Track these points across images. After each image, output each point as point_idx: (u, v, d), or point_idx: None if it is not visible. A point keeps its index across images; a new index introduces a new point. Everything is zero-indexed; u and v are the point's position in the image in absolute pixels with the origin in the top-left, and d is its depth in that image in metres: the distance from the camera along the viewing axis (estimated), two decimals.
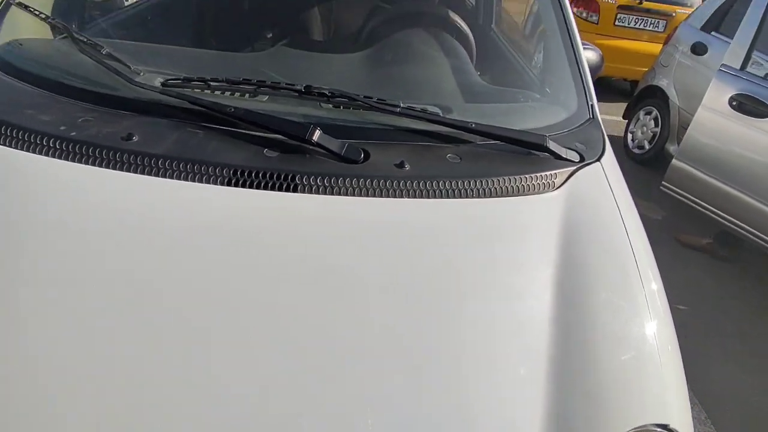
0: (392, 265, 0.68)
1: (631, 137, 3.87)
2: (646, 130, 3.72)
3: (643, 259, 0.76)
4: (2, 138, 0.69)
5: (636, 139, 3.82)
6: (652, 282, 0.74)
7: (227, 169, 0.69)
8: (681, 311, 2.19)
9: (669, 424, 0.62)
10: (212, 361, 0.57)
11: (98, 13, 1.35)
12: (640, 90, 3.80)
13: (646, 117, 3.72)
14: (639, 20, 4.71)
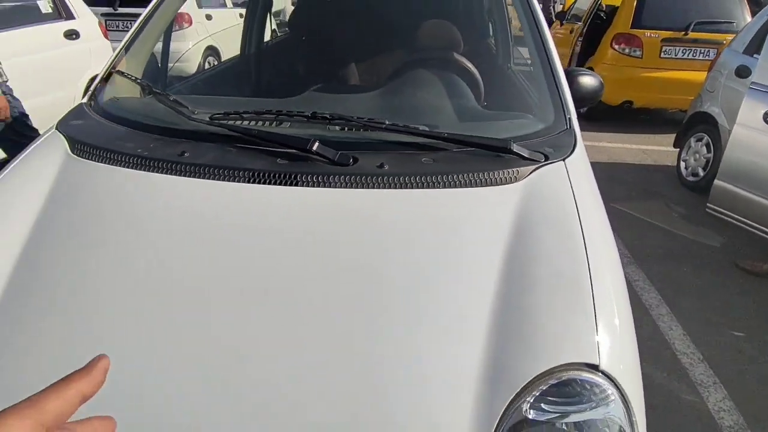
0: (367, 239, 0.86)
1: (684, 165, 3.75)
2: (698, 156, 3.60)
3: (593, 240, 0.86)
4: (104, 159, 0.99)
5: (689, 166, 3.70)
6: (600, 259, 0.83)
7: (249, 172, 0.93)
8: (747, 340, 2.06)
9: (599, 365, 0.70)
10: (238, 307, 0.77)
11: (172, 78, 1.75)
12: (689, 117, 3.73)
13: (698, 144, 3.62)
14: (687, 51, 4.66)
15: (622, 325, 0.77)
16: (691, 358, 1.98)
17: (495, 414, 0.67)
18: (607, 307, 0.76)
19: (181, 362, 0.73)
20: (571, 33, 6.06)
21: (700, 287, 2.46)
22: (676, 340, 2.09)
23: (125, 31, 4.90)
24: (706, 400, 1.77)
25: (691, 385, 1.84)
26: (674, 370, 1.92)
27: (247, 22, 2.41)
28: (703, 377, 1.88)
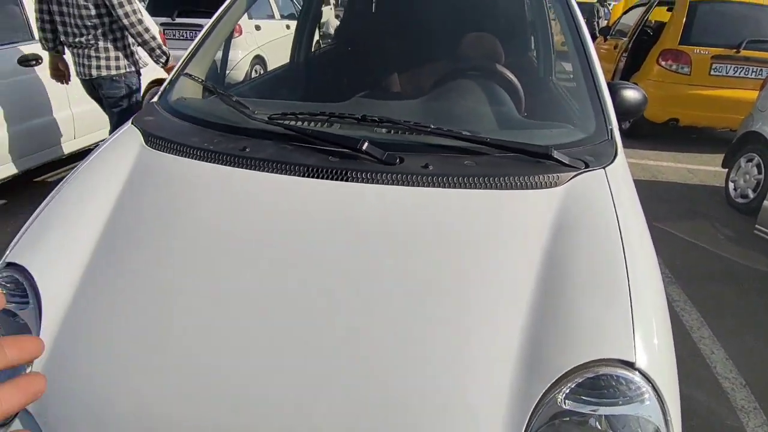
0: (412, 232, 0.91)
1: (732, 186, 3.61)
2: (749, 177, 3.46)
3: (632, 245, 0.88)
4: (173, 150, 1.10)
5: (738, 188, 3.55)
6: (638, 262, 0.85)
7: (303, 167, 1.01)
8: None
9: (635, 363, 0.72)
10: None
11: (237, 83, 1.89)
12: (739, 137, 3.59)
13: (748, 164, 3.48)
14: (739, 69, 4.50)
15: (659, 327, 0.79)
16: (732, 383, 1.91)
17: (530, 402, 0.71)
18: (644, 308, 0.78)
19: (241, 324, 0.81)
20: (615, 48, 5.96)
21: (744, 310, 2.37)
22: (717, 363, 2.02)
23: (181, 39, 5.23)
24: (745, 425, 1.71)
25: (732, 410, 1.78)
26: (715, 393, 1.86)
27: (297, 33, 2.55)
28: (744, 402, 1.81)
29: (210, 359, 0.78)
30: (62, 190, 1.08)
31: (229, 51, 1.93)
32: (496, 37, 1.77)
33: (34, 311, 0.86)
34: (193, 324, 0.81)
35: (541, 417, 0.70)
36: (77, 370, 0.80)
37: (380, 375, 0.74)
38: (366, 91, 1.63)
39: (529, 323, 0.77)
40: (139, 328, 0.82)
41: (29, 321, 0.86)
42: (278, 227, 0.94)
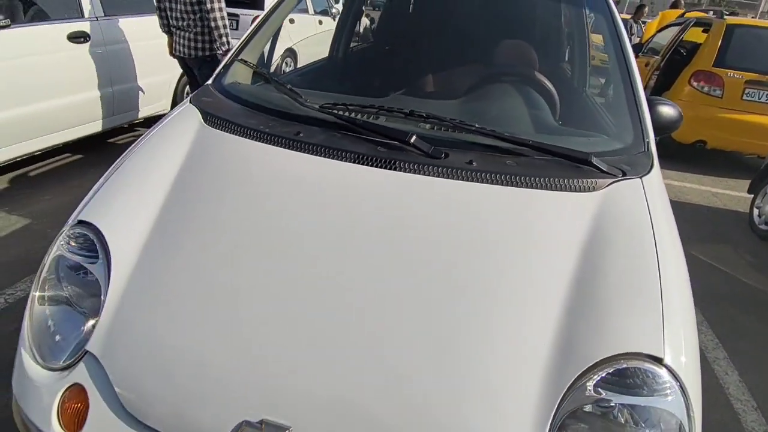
0: (455, 222, 0.97)
1: (757, 213, 3.58)
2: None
3: (664, 249, 0.92)
4: (231, 130, 1.18)
5: (763, 214, 3.52)
6: (669, 265, 0.90)
7: (354, 154, 1.07)
8: None
9: (663, 359, 0.77)
10: None
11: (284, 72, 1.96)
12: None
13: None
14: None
15: (687, 328, 0.83)
16: (744, 405, 1.92)
17: (560, 389, 0.75)
18: (674, 308, 0.83)
19: (298, 293, 0.87)
20: (646, 66, 5.92)
21: (762, 336, 2.36)
22: (730, 385, 2.03)
23: None
24: None
25: (741, 431, 1.79)
26: (726, 414, 1.87)
27: (337, 29, 2.62)
28: (755, 425, 1.82)
29: (260, 316, 0.85)
30: (129, 157, 1.16)
31: (276, 42, 2.01)
32: (531, 46, 1.81)
33: (103, 266, 0.93)
34: (246, 285, 0.88)
35: (569, 403, 0.75)
36: (142, 320, 0.88)
37: (418, 355, 0.80)
38: (404, 89, 1.68)
39: (563, 316, 0.82)
40: (198, 286, 0.89)
41: (99, 275, 0.93)
42: (327, 206, 1.01)
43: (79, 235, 0.99)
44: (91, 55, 3.14)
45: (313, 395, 0.77)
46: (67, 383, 0.85)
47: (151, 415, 0.79)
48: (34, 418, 0.86)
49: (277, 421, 0.74)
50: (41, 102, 2.87)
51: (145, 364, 0.83)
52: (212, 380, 0.80)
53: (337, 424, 0.75)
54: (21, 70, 2.72)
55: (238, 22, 5.62)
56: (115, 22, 3.32)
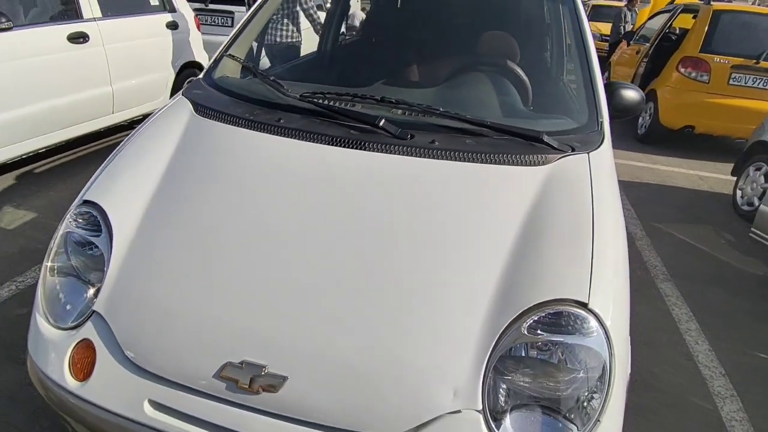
0: (415, 192, 1.09)
1: (740, 194, 3.69)
2: (755, 186, 3.54)
3: (602, 213, 1.04)
4: (218, 118, 1.30)
5: (745, 195, 3.63)
6: (604, 227, 1.01)
7: (329, 137, 1.19)
8: None
9: (588, 303, 0.89)
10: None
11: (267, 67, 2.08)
12: (750, 146, 3.66)
13: (756, 173, 3.55)
14: (758, 79, 4.53)
15: (616, 280, 0.95)
16: (712, 371, 2.04)
17: (498, 328, 0.88)
18: (604, 262, 0.95)
19: (276, 255, 1.00)
20: (637, 54, 5.99)
21: (734, 310, 2.48)
22: (700, 353, 2.15)
23: (214, 25, 5.49)
24: (720, 409, 1.84)
25: (708, 395, 1.91)
26: (694, 380, 1.99)
27: (325, 24, 2.73)
28: (722, 389, 1.94)
29: (242, 276, 0.97)
30: (128, 144, 1.28)
31: (265, 37, 2.12)
32: (513, 36, 1.92)
33: (106, 239, 1.06)
34: (234, 250, 1.01)
35: (505, 342, 0.87)
36: (140, 281, 1.00)
37: (376, 302, 0.92)
38: (386, 78, 1.80)
39: (504, 269, 0.94)
40: (189, 251, 1.02)
41: (102, 247, 1.06)
42: (302, 181, 1.13)
43: (85, 212, 1.12)
44: (90, 54, 3.26)
45: (284, 339, 0.90)
46: (76, 339, 0.98)
47: (150, 362, 0.92)
48: (48, 371, 0.99)
49: (255, 361, 0.87)
50: (44, 101, 2.99)
51: (144, 319, 0.96)
52: (201, 330, 0.92)
53: (305, 361, 0.88)
54: (23, 71, 2.84)
55: (233, 19, 5.72)
56: (112, 23, 3.43)
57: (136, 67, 3.67)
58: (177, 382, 0.90)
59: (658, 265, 2.85)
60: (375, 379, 0.86)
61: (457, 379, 0.85)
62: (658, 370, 2.00)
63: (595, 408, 0.85)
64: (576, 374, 0.88)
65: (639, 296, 2.57)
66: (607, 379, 0.87)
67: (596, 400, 0.86)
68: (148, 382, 0.91)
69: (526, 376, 0.88)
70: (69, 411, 0.95)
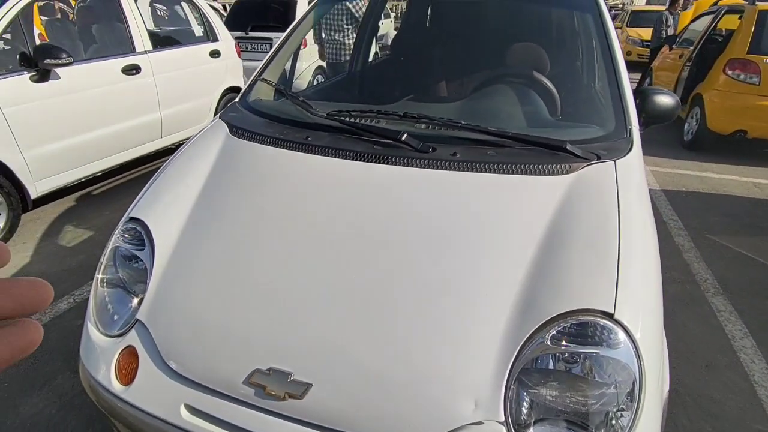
0: (439, 204, 1.11)
1: None
2: None
3: (630, 223, 1.01)
4: (252, 138, 1.38)
5: None
6: (632, 236, 0.98)
7: (353, 152, 1.24)
8: None
9: (614, 314, 0.86)
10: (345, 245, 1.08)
11: (301, 89, 2.18)
12: None
13: None
14: None
15: (646, 289, 0.91)
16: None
17: (520, 338, 0.87)
18: (631, 271, 0.92)
19: (303, 266, 1.04)
20: (680, 58, 5.76)
21: None
22: (756, 372, 1.99)
23: (254, 52, 5.80)
24: None
25: (765, 417, 1.77)
26: (750, 400, 1.85)
27: (355, 46, 2.83)
28: None
29: (272, 287, 1.02)
30: (169, 166, 1.38)
31: (297, 61, 2.23)
32: (542, 46, 1.92)
33: (149, 252, 1.14)
34: (263, 262, 1.06)
35: (527, 352, 0.86)
36: (179, 293, 1.07)
37: (402, 312, 0.94)
38: (414, 94, 1.84)
39: (528, 278, 0.93)
40: (224, 264, 1.08)
41: (145, 260, 1.14)
42: (329, 194, 1.18)
43: (130, 228, 1.21)
44: (141, 84, 3.53)
45: (309, 347, 0.93)
46: (122, 346, 1.06)
47: (186, 368, 0.98)
48: (98, 376, 1.07)
49: (282, 368, 0.91)
50: (100, 129, 3.26)
51: (182, 328, 1.02)
52: (232, 339, 0.97)
53: (329, 369, 0.90)
54: (82, 101, 3.11)
55: (271, 45, 6.01)
56: (161, 54, 3.71)
57: (183, 95, 3.93)
58: (210, 387, 0.95)
59: (708, 278, 2.69)
60: (397, 388, 0.87)
61: (479, 390, 0.85)
62: (711, 391, 1.87)
63: (624, 426, 0.82)
64: (604, 389, 0.85)
65: (688, 311, 2.42)
66: (637, 395, 0.84)
67: (625, 418, 0.83)
68: (185, 388, 0.96)
69: (552, 389, 0.86)
70: (115, 414, 1.02)
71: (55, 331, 2.09)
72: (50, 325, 2.13)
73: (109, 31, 3.52)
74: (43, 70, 2.80)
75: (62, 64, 2.83)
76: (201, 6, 4.31)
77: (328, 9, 3.84)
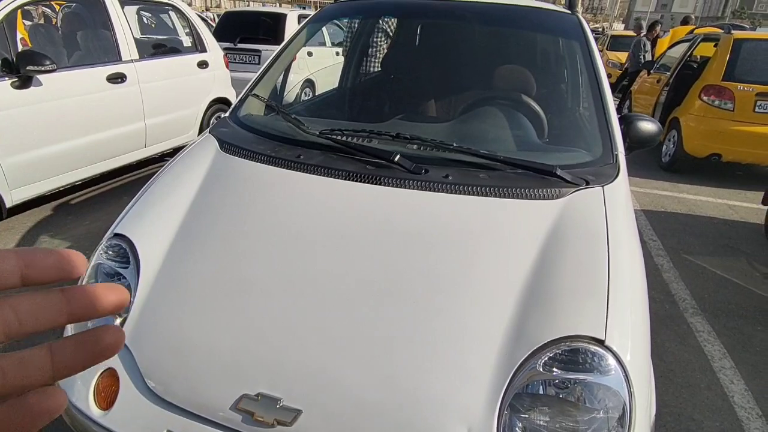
0: (430, 226, 1.11)
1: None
2: None
3: (618, 247, 1.03)
4: (242, 155, 1.36)
5: None
6: (620, 260, 1.00)
7: (346, 172, 1.23)
8: None
9: (604, 341, 0.87)
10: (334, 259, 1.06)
11: (290, 104, 2.18)
12: None
13: None
14: None
15: (634, 315, 0.93)
16: (749, 413, 1.93)
17: (513, 364, 0.87)
18: (621, 297, 0.93)
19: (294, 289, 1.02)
20: (658, 82, 5.97)
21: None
22: (735, 394, 2.04)
23: (242, 63, 5.77)
24: None
25: None
26: (731, 421, 1.88)
27: (345, 62, 2.85)
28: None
29: (259, 309, 1.00)
30: (156, 180, 1.36)
31: (288, 77, 2.23)
32: (530, 70, 1.96)
33: (134, 270, 1.11)
34: (254, 284, 1.04)
35: (520, 379, 0.86)
36: (164, 313, 1.04)
37: (392, 338, 0.93)
38: (404, 114, 1.85)
39: (518, 305, 0.94)
40: (210, 284, 1.06)
41: (129, 278, 1.11)
42: (320, 215, 1.17)
43: (115, 245, 1.18)
44: (126, 93, 3.48)
45: (299, 373, 0.91)
46: (102, 368, 1.02)
47: (170, 392, 0.95)
48: (74, 399, 1.02)
49: (271, 394, 0.89)
50: (82, 137, 3.19)
51: (166, 350, 0.99)
52: (219, 362, 0.95)
53: (319, 395, 0.88)
54: (65, 109, 3.05)
55: (260, 57, 6.02)
56: (148, 64, 3.67)
57: (169, 104, 3.88)
58: (195, 413, 0.92)
59: (687, 298, 2.75)
60: (388, 414, 0.86)
61: (472, 416, 0.84)
62: (691, 411, 1.90)
63: None
64: (595, 414, 0.85)
65: (668, 331, 2.47)
66: (627, 420, 0.84)
67: None
68: (168, 413, 0.93)
69: (544, 414, 0.86)
70: None
71: None
72: (22, 344, 2.04)
73: (95, 38, 3.47)
74: (25, 77, 2.74)
75: (45, 71, 2.77)
76: (189, 16, 4.30)
77: (320, 27, 3.86)
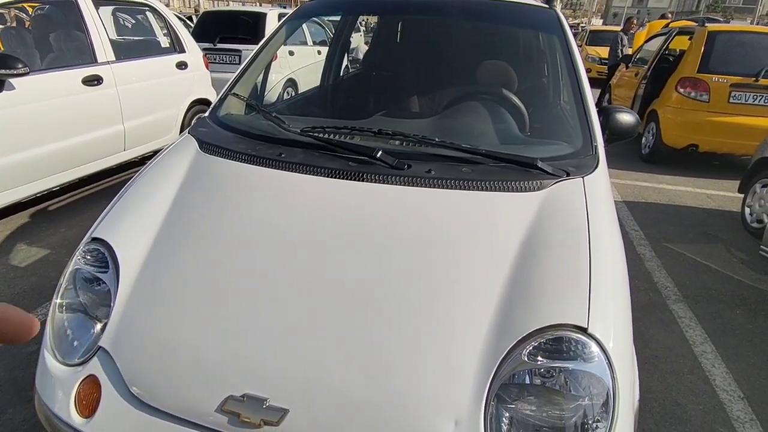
0: (413, 221, 1.11)
1: (748, 211, 3.65)
2: (763, 203, 3.50)
3: (598, 237, 1.04)
4: (222, 155, 1.34)
5: (754, 212, 3.59)
6: (601, 249, 1.02)
7: (328, 169, 1.22)
8: None
9: (587, 329, 0.88)
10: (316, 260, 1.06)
11: (271, 103, 2.16)
12: (755, 162, 3.65)
13: (763, 190, 3.52)
14: (758, 96, 4.55)
15: (616, 303, 0.94)
16: (730, 395, 1.97)
17: (498, 356, 0.87)
18: (602, 285, 0.94)
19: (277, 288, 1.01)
20: (635, 76, 6.08)
21: (751, 331, 2.41)
22: (717, 377, 2.09)
23: (222, 63, 5.67)
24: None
25: (727, 420, 1.85)
26: (711, 404, 1.93)
27: (327, 60, 2.83)
28: (741, 413, 1.87)
29: (243, 310, 0.98)
30: (134, 183, 1.33)
31: (268, 75, 2.21)
32: (510, 65, 1.97)
33: (113, 275, 1.09)
34: (234, 284, 1.03)
35: (505, 369, 0.87)
36: (145, 317, 1.02)
37: (377, 333, 0.93)
38: (386, 110, 1.85)
39: (502, 296, 0.95)
40: (191, 287, 1.04)
41: (109, 283, 1.09)
42: (303, 214, 1.16)
43: (93, 249, 1.15)
44: (103, 96, 3.40)
45: (284, 372, 0.90)
46: (82, 375, 0.99)
47: (154, 397, 0.93)
48: (54, 407, 1.00)
49: (257, 395, 0.87)
50: (59, 141, 3.11)
51: (148, 354, 0.97)
52: (203, 364, 0.93)
53: (305, 394, 0.88)
54: (40, 113, 2.96)
55: (240, 57, 5.95)
56: (125, 65, 3.59)
57: (148, 106, 3.81)
58: (180, 417, 0.91)
59: (669, 285, 2.81)
60: (375, 410, 0.86)
61: (459, 409, 0.85)
62: (675, 395, 1.94)
63: None
64: (580, 401, 0.86)
65: (651, 318, 2.52)
66: (611, 406, 0.86)
67: (601, 429, 0.84)
68: (152, 418, 0.91)
69: (530, 404, 0.87)
70: None
71: (5, 360, 1.95)
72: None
73: (69, 40, 3.38)
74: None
75: (17, 74, 2.69)
76: (167, 16, 4.22)
77: (299, 24, 3.82)
